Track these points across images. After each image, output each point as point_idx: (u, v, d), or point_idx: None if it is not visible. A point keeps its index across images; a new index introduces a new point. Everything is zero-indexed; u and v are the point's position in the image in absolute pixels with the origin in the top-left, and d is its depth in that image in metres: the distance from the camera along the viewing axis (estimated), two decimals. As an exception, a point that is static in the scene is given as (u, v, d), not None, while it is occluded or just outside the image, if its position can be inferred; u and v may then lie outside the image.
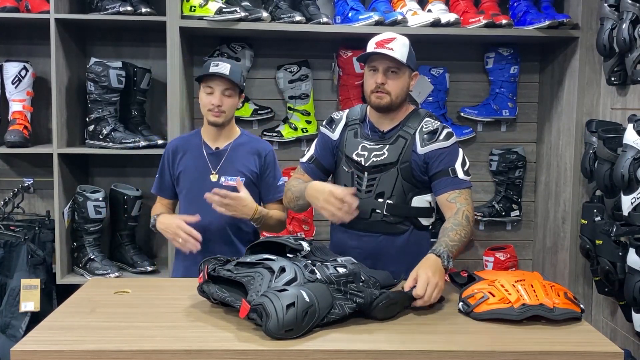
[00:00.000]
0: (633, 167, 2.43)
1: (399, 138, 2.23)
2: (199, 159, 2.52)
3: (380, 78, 2.18)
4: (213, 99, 2.42)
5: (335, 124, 2.36)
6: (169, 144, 2.63)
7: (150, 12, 3.15)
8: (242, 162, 2.51)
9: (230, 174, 2.49)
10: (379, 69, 2.19)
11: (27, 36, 3.43)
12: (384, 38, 2.20)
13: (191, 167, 2.52)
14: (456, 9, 3.32)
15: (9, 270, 3.13)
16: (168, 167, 2.56)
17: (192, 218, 2.37)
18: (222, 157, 2.51)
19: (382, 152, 2.23)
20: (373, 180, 2.22)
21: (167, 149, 2.59)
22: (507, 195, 3.61)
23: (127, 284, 2.15)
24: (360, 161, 2.24)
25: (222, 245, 2.47)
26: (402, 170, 2.20)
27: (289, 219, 3.53)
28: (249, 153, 2.53)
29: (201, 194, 2.39)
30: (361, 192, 2.22)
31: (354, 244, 2.26)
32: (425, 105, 3.53)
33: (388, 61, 2.17)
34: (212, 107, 2.43)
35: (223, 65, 2.42)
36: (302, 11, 3.23)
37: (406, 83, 2.23)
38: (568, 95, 3.29)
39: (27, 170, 3.47)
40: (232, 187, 2.42)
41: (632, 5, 2.67)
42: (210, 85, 2.42)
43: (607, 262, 2.67)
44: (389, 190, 2.21)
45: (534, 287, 1.81)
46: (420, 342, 1.62)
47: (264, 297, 1.58)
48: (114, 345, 1.56)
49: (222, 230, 2.49)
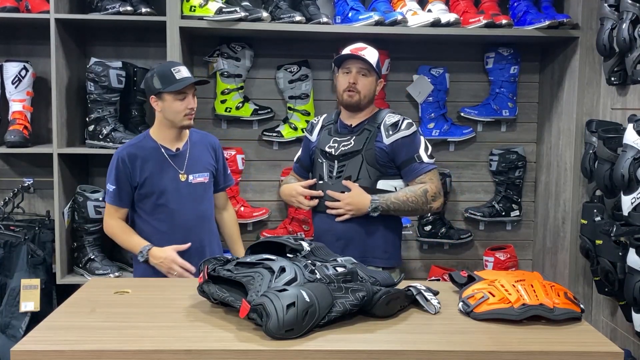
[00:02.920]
0: (633, 167, 2.43)
1: (365, 130, 2.55)
2: (163, 163, 2.59)
3: (352, 78, 2.52)
4: (189, 103, 2.55)
5: (314, 127, 2.72)
6: (119, 152, 2.60)
7: (150, 12, 3.15)
8: (203, 159, 2.68)
9: (197, 172, 2.64)
10: (352, 71, 2.53)
11: (27, 36, 3.43)
12: (358, 46, 2.57)
13: (157, 172, 2.58)
14: (456, 9, 3.32)
15: (9, 270, 3.14)
16: (126, 176, 2.55)
17: (183, 246, 2.52)
18: (184, 157, 2.63)
19: (349, 142, 2.55)
20: (342, 166, 2.54)
21: (119, 157, 2.56)
22: (507, 195, 3.62)
23: (127, 284, 2.15)
24: (331, 152, 2.58)
25: (203, 235, 2.65)
26: (367, 156, 2.52)
27: (288, 219, 3.53)
28: (205, 149, 2.71)
29: (173, 196, 2.57)
30: (332, 178, 2.55)
31: (326, 227, 2.56)
32: (425, 105, 3.53)
33: (360, 64, 2.52)
34: (188, 112, 2.56)
35: (182, 68, 2.56)
36: (302, 11, 3.23)
37: (373, 86, 2.57)
38: (568, 95, 3.29)
39: (27, 170, 3.47)
40: (201, 183, 2.63)
41: (632, 5, 2.67)
42: (184, 91, 2.53)
43: (607, 262, 2.67)
44: (355, 173, 2.52)
45: (534, 287, 1.81)
46: (420, 342, 1.62)
47: (264, 297, 1.58)
48: (114, 345, 1.56)
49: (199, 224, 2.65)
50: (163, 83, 2.51)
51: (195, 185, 2.62)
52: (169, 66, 2.55)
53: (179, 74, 2.51)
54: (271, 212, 3.58)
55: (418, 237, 3.64)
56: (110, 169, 2.57)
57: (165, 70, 2.53)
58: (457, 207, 3.71)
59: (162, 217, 2.58)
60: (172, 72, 2.51)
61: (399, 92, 3.60)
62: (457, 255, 3.72)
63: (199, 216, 2.64)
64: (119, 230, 2.61)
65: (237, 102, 3.46)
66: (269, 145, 3.59)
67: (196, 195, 2.63)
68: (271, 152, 3.59)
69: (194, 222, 2.62)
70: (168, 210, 2.57)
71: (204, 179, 2.64)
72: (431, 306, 1.82)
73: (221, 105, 3.46)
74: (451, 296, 1.94)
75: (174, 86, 2.49)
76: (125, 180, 2.55)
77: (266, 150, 3.59)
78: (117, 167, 2.55)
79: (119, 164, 2.55)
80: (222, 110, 3.46)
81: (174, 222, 2.58)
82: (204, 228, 2.67)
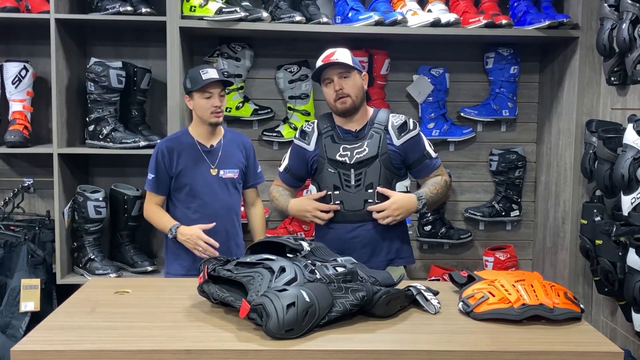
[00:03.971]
0: (633, 167, 2.43)
1: (373, 134, 2.52)
2: (197, 157, 2.77)
3: (336, 85, 2.48)
4: (214, 102, 2.71)
5: (309, 135, 2.60)
6: (160, 145, 2.80)
7: (150, 12, 3.15)
8: (234, 156, 2.83)
9: (227, 167, 2.80)
10: (333, 79, 2.49)
11: (27, 36, 3.43)
12: (327, 54, 2.53)
13: (191, 165, 2.75)
14: (456, 9, 3.32)
15: (9, 270, 3.14)
16: (164, 166, 2.75)
17: (209, 226, 2.68)
18: (217, 153, 2.80)
19: (362, 148, 2.50)
20: (360, 174, 2.49)
21: (159, 150, 2.77)
22: (507, 195, 3.62)
23: (127, 284, 2.15)
24: (345, 160, 2.50)
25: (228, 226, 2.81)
26: (383, 161, 2.49)
27: (288, 219, 3.53)
28: (237, 147, 2.86)
29: (204, 188, 2.75)
30: (350, 187, 2.49)
31: (352, 235, 2.51)
32: (426, 105, 3.53)
33: (338, 68, 2.49)
34: (214, 109, 2.71)
35: (211, 70, 2.73)
36: (302, 11, 3.23)
37: (360, 83, 2.53)
38: (568, 95, 3.29)
39: (27, 170, 3.47)
40: (230, 179, 2.80)
41: (632, 5, 2.66)
42: (209, 90, 2.69)
43: (607, 262, 2.67)
44: (377, 180, 2.49)
45: (534, 287, 1.81)
46: (420, 342, 1.62)
47: (264, 297, 1.58)
48: (114, 345, 1.56)
49: (226, 215, 2.80)
50: (192, 83, 2.70)
51: (225, 179, 2.79)
52: (199, 68, 2.73)
53: (205, 74, 2.68)
54: (271, 212, 3.58)
55: (418, 237, 3.63)
56: (151, 160, 2.77)
57: (195, 72, 2.72)
58: (457, 207, 3.71)
59: (193, 206, 2.75)
60: (199, 74, 2.69)
61: (399, 92, 3.60)
62: (457, 255, 3.72)
63: (227, 208, 2.80)
64: (154, 213, 2.79)
65: (237, 102, 3.46)
66: (269, 145, 3.59)
67: (225, 189, 2.80)
68: (271, 152, 3.59)
69: (222, 212, 2.78)
70: (199, 200, 2.75)
71: (233, 174, 2.81)
72: (431, 306, 1.83)
73: (221, 105, 3.46)
74: (451, 296, 1.95)
75: (198, 85, 2.68)
76: (163, 170, 2.74)
77: (266, 150, 3.59)
78: (156, 158, 2.75)
79: (158, 156, 2.75)
80: (222, 110, 3.47)
81: (203, 211, 2.74)
82: (230, 219, 2.83)
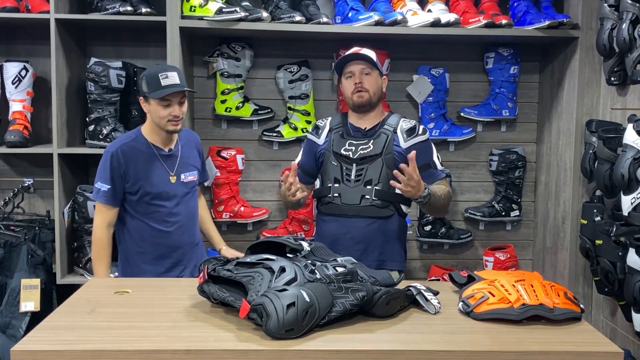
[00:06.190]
0: (633, 167, 2.43)
1: (381, 134, 2.56)
2: (154, 162, 2.57)
3: (357, 78, 2.53)
4: (173, 111, 2.49)
5: (320, 129, 2.65)
6: (112, 150, 2.53)
7: (150, 12, 3.15)
8: (191, 158, 2.70)
9: (187, 171, 2.66)
10: (355, 73, 2.54)
11: (27, 36, 3.43)
12: (355, 49, 2.58)
13: (150, 172, 2.55)
14: (456, 9, 3.32)
15: (9, 270, 3.13)
16: (120, 174, 2.51)
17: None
18: (176, 158, 2.63)
19: (367, 145, 2.54)
20: (361, 170, 2.52)
21: (112, 156, 2.51)
22: (507, 195, 3.62)
23: (127, 284, 2.15)
24: (349, 155, 2.54)
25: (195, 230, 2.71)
26: (386, 160, 2.52)
27: (288, 219, 3.53)
28: (191, 148, 2.72)
29: (165, 196, 2.57)
30: (350, 181, 2.52)
31: (345, 230, 2.53)
32: (425, 105, 3.53)
33: (361, 64, 2.54)
34: (172, 118, 2.50)
35: (172, 74, 2.48)
36: (302, 11, 3.23)
37: (379, 83, 2.58)
38: (568, 95, 3.29)
39: (27, 170, 3.47)
40: (191, 182, 2.67)
41: (632, 5, 2.66)
42: (168, 97, 2.46)
43: (607, 262, 2.67)
44: (376, 177, 2.51)
45: (534, 287, 1.81)
46: (420, 342, 1.62)
47: (264, 297, 1.58)
48: (114, 345, 1.56)
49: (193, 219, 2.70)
50: (149, 87, 2.46)
51: (187, 184, 2.65)
52: (158, 70, 2.49)
53: (165, 80, 2.44)
54: (271, 212, 3.59)
55: (418, 237, 3.64)
56: (102, 167, 2.51)
57: (153, 74, 2.47)
58: (457, 207, 3.71)
59: (156, 216, 2.57)
60: (159, 78, 2.44)
61: (399, 92, 3.60)
62: (457, 255, 3.72)
63: (192, 213, 2.69)
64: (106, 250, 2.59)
65: (237, 102, 3.46)
66: (269, 145, 3.59)
67: (187, 194, 2.66)
68: (271, 152, 3.59)
69: (188, 219, 2.66)
70: (163, 209, 2.57)
71: (193, 177, 2.69)
72: (431, 306, 1.82)
73: (221, 105, 3.46)
74: (451, 296, 1.94)
75: (156, 93, 2.45)
76: (119, 178, 2.50)
77: (266, 150, 3.59)
78: (111, 165, 2.49)
79: (113, 162, 2.49)
80: (222, 110, 3.47)
81: (172, 220, 2.60)
82: (196, 224, 2.74)
